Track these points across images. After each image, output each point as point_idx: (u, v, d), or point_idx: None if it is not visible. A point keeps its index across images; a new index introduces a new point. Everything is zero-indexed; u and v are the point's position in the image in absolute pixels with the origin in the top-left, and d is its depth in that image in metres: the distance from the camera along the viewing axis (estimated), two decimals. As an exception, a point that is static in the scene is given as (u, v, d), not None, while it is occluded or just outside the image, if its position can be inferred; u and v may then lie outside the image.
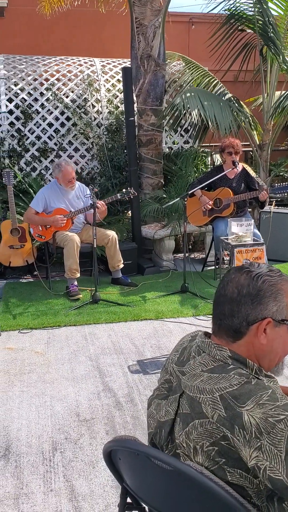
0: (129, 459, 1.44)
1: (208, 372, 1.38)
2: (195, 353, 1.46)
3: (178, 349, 1.56)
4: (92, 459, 2.81)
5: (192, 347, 1.49)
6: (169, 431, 1.44)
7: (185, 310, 4.99)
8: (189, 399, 1.39)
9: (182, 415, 1.40)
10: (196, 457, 1.33)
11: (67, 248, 5.35)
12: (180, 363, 1.49)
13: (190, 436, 1.34)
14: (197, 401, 1.35)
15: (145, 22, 6.69)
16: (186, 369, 1.44)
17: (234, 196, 5.59)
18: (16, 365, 3.93)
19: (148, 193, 6.94)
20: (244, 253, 3.84)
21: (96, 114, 7.11)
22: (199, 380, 1.38)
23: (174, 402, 1.44)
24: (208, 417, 1.31)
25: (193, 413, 1.36)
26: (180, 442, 1.38)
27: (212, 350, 1.42)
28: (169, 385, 1.51)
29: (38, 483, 2.62)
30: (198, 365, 1.42)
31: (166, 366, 1.56)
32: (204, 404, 1.33)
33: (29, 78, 7.01)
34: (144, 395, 3.46)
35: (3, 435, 3.04)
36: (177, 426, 1.41)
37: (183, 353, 1.51)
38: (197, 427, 1.33)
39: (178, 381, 1.46)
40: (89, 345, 4.28)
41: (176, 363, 1.51)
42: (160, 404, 1.51)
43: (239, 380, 1.32)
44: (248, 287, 1.41)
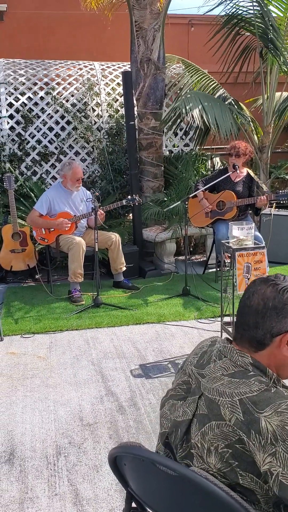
0: (134, 465, 1.46)
1: (228, 377, 1.41)
2: (216, 357, 1.49)
3: (197, 352, 1.59)
4: (96, 463, 2.82)
5: (213, 352, 1.52)
6: (185, 431, 1.47)
7: (187, 313, 5.01)
8: (207, 401, 1.42)
9: (199, 416, 1.43)
10: (209, 458, 1.36)
11: (72, 251, 5.37)
12: (199, 366, 1.52)
13: (206, 437, 1.38)
14: (216, 403, 1.39)
15: (144, 25, 6.72)
16: (206, 372, 1.48)
17: (237, 200, 5.61)
18: (19, 370, 3.94)
19: (149, 196, 6.96)
20: (245, 257, 3.85)
21: (97, 118, 7.13)
22: (219, 383, 1.41)
23: (192, 403, 1.48)
24: (226, 419, 1.35)
25: (210, 415, 1.39)
26: (195, 442, 1.41)
27: (233, 356, 1.46)
28: (187, 386, 1.54)
29: (42, 488, 2.64)
30: (218, 369, 1.45)
31: (184, 368, 1.59)
32: (222, 407, 1.37)
33: (29, 82, 7.03)
34: (146, 399, 3.47)
35: (7, 440, 3.05)
36: (193, 426, 1.44)
37: (203, 356, 1.54)
38: (213, 428, 1.37)
39: (197, 383, 1.49)
40: (91, 349, 4.30)
41: (195, 365, 1.54)
42: (175, 405, 1.54)
43: (259, 387, 1.36)
44: (274, 300, 1.45)
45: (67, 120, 6.97)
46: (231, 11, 6.92)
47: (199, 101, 6.40)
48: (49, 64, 7.47)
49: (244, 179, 5.78)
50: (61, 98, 7.02)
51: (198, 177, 7.09)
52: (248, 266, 3.86)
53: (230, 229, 3.97)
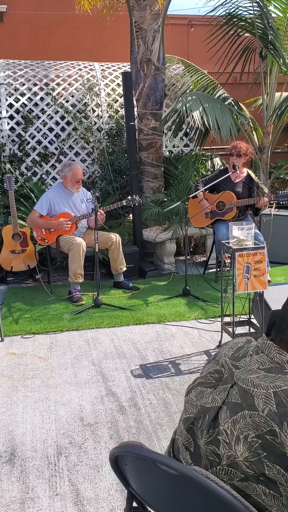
0: (135, 464, 1.46)
1: (264, 371, 1.44)
2: (253, 352, 1.53)
3: (232, 346, 1.62)
4: (96, 463, 2.83)
5: (250, 347, 1.56)
6: (213, 417, 1.49)
7: (187, 313, 5.01)
8: (241, 390, 1.45)
9: (230, 404, 1.46)
10: (237, 446, 1.39)
11: (72, 252, 5.37)
12: (234, 358, 1.55)
13: (237, 425, 1.40)
14: (250, 394, 1.42)
15: (144, 26, 6.73)
16: (241, 364, 1.51)
17: (237, 201, 5.61)
18: (20, 370, 3.95)
19: (149, 196, 6.97)
20: (245, 257, 3.86)
21: (97, 119, 7.14)
22: (254, 376, 1.45)
23: (223, 391, 1.50)
24: (259, 410, 1.37)
25: (244, 404, 1.42)
26: (224, 428, 1.44)
27: (271, 352, 1.48)
28: (219, 375, 1.57)
29: (43, 487, 2.64)
30: (254, 363, 1.48)
31: (217, 359, 1.62)
32: (256, 397, 1.40)
33: (29, 83, 7.04)
34: (147, 399, 3.48)
35: (8, 440, 3.06)
36: (223, 413, 1.47)
37: (239, 350, 1.58)
38: (245, 417, 1.39)
39: (230, 373, 1.52)
40: (92, 349, 4.30)
41: (230, 357, 1.57)
42: (204, 392, 1.57)
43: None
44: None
45: (67, 120, 6.98)
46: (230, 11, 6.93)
47: (200, 102, 6.41)
48: (49, 65, 7.47)
49: (244, 179, 5.79)
50: (61, 99, 7.02)
51: (198, 177, 7.09)
52: (248, 266, 3.87)
53: (230, 230, 3.98)
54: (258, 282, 3.89)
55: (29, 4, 9.28)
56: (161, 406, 3.38)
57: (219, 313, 4.59)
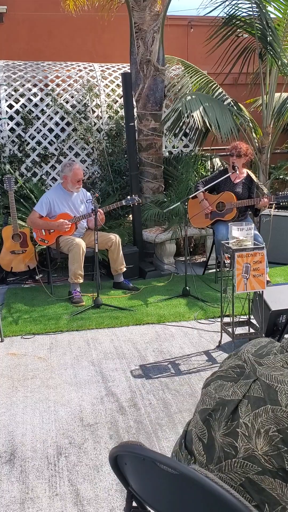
0: (134, 464, 1.46)
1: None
2: (277, 351, 1.56)
3: (255, 344, 1.65)
4: (96, 463, 2.83)
5: (274, 347, 1.59)
6: (232, 410, 1.51)
7: (187, 314, 5.01)
8: (264, 385, 1.48)
9: (252, 398, 1.48)
10: (257, 439, 1.41)
11: (72, 252, 5.38)
12: (258, 355, 1.58)
13: (258, 419, 1.43)
14: (274, 389, 1.45)
15: (144, 27, 6.73)
16: (265, 361, 1.54)
17: (237, 201, 5.61)
18: (20, 371, 3.95)
19: (148, 197, 6.97)
20: (245, 257, 3.86)
21: (96, 119, 7.14)
22: (279, 373, 1.48)
23: (244, 385, 1.53)
24: (282, 405, 1.40)
25: (267, 398, 1.45)
26: (244, 422, 1.46)
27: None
28: (241, 370, 1.59)
29: (43, 488, 2.64)
30: (279, 361, 1.51)
31: (239, 355, 1.65)
32: (280, 393, 1.43)
33: (29, 84, 7.04)
34: (147, 399, 3.48)
35: (8, 440, 3.06)
36: (243, 407, 1.49)
37: (262, 349, 1.61)
38: (268, 411, 1.42)
39: (252, 369, 1.55)
40: (92, 350, 4.31)
41: (253, 354, 1.60)
42: (224, 385, 1.59)
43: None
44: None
45: (67, 121, 6.98)
46: (230, 12, 6.94)
47: (200, 101, 6.41)
48: (48, 66, 7.48)
49: (244, 180, 5.79)
50: (60, 100, 7.03)
51: (198, 178, 7.10)
52: (247, 267, 3.88)
53: (230, 230, 3.98)
54: (257, 282, 3.89)
55: (29, 5, 9.29)
56: (161, 406, 3.39)
57: (218, 314, 4.59)
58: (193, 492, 1.33)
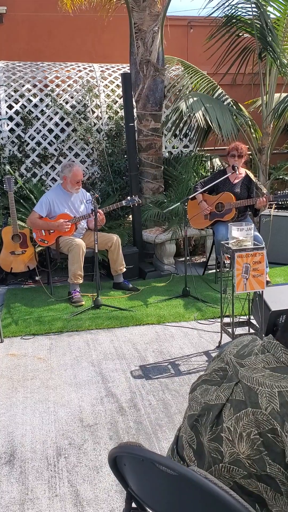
0: (134, 465, 1.46)
1: (270, 370, 1.45)
2: (258, 351, 1.53)
3: (237, 344, 1.63)
4: (96, 464, 2.83)
5: (255, 346, 1.56)
6: (217, 414, 1.50)
7: (187, 314, 5.01)
8: (246, 388, 1.46)
9: (234, 401, 1.47)
10: (240, 443, 1.39)
11: (72, 253, 5.38)
12: (239, 356, 1.56)
13: (240, 422, 1.41)
14: (254, 392, 1.43)
15: (143, 27, 6.73)
16: (246, 362, 1.52)
17: (236, 202, 5.61)
18: (19, 371, 3.95)
19: (148, 197, 6.97)
20: (245, 257, 3.86)
21: (96, 120, 7.14)
22: (259, 374, 1.45)
23: (227, 389, 1.51)
24: (262, 408, 1.39)
25: (248, 401, 1.43)
26: (227, 426, 1.45)
27: (277, 352, 1.49)
28: (224, 373, 1.57)
29: (43, 489, 2.64)
30: (260, 362, 1.49)
31: (222, 357, 1.63)
32: (260, 395, 1.41)
33: (29, 84, 7.04)
34: (146, 400, 3.48)
35: (7, 441, 3.06)
36: (226, 410, 1.47)
37: (244, 349, 1.58)
38: (249, 415, 1.40)
39: (234, 371, 1.53)
40: (91, 350, 4.30)
41: (235, 355, 1.58)
42: (209, 389, 1.57)
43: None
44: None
45: (67, 122, 6.98)
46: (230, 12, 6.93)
47: (201, 102, 6.41)
48: (48, 66, 7.48)
49: (243, 180, 5.78)
50: (60, 100, 7.03)
51: (197, 178, 7.10)
52: (247, 267, 3.87)
53: (230, 230, 3.98)
54: (257, 282, 3.89)
55: (29, 6, 9.29)
56: (161, 407, 3.38)
57: (218, 314, 4.59)
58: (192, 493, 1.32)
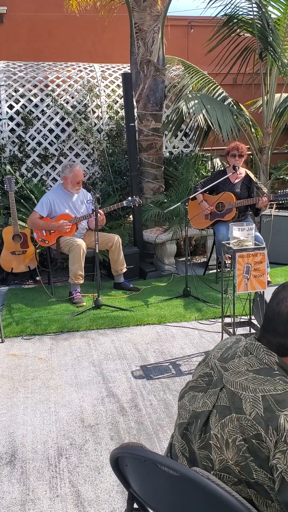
0: (136, 466, 1.46)
1: (253, 373, 1.43)
2: (241, 353, 1.51)
3: (221, 347, 1.60)
4: (97, 464, 2.82)
5: (238, 348, 1.53)
6: (204, 422, 1.48)
7: (188, 314, 5.01)
8: (230, 393, 1.43)
9: (219, 407, 1.44)
10: (227, 450, 1.37)
11: (73, 253, 5.38)
12: (223, 360, 1.53)
13: (225, 429, 1.39)
14: (238, 397, 1.40)
15: (144, 27, 6.73)
16: (230, 366, 1.49)
17: (236, 201, 5.60)
18: (20, 372, 3.95)
19: (149, 197, 6.97)
20: (246, 257, 3.85)
21: (97, 120, 7.13)
22: (243, 378, 1.43)
23: (213, 395, 1.49)
24: (246, 413, 1.36)
25: (232, 407, 1.41)
26: (214, 433, 1.43)
27: (260, 353, 1.46)
28: (209, 378, 1.55)
29: (44, 489, 2.64)
30: (243, 364, 1.46)
31: (206, 361, 1.61)
32: (244, 401, 1.38)
33: (29, 84, 7.04)
34: (147, 400, 3.47)
35: (8, 441, 3.05)
36: (213, 417, 1.45)
37: (227, 351, 1.56)
38: (233, 421, 1.38)
39: (219, 376, 1.51)
40: (92, 350, 4.30)
41: (219, 359, 1.55)
42: (196, 396, 1.55)
43: (284, 387, 1.37)
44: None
45: (67, 122, 6.98)
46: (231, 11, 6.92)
47: (202, 102, 6.41)
48: (49, 66, 7.47)
49: (243, 180, 5.78)
50: (61, 100, 7.02)
51: (198, 178, 7.09)
52: (248, 267, 3.87)
53: (231, 230, 3.97)
54: (258, 282, 3.88)
55: (29, 6, 9.29)
56: (162, 407, 3.38)
57: (219, 314, 4.58)
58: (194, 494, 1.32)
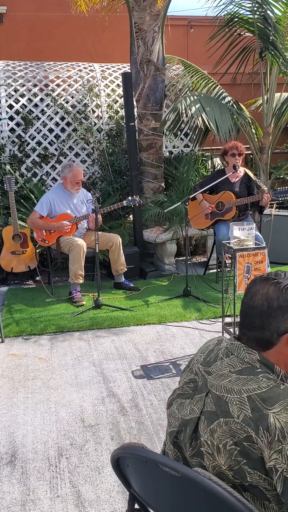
0: (137, 466, 1.45)
1: (236, 373, 1.41)
2: (223, 354, 1.49)
3: (204, 350, 1.58)
4: (98, 464, 2.82)
5: (220, 350, 1.51)
6: (193, 429, 1.46)
7: (188, 314, 5.00)
8: (215, 398, 1.41)
9: (207, 413, 1.42)
10: (219, 456, 1.35)
11: (73, 253, 5.37)
12: (206, 364, 1.51)
13: (215, 434, 1.37)
14: (224, 400, 1.38)
15: (144, 27, 6.72)
16: (213, 369, 1.47)
17: (236, 200, 5.60)
18: (20, 372, 3.94)
19: (149, 197, 6.96)
20: (246, 257, 3.84)
21: (97, 119, 7.13)
22: (226, 380, 1.41)
23: (200, 401, 1.47)
24: (234, 416, 1.34)
25: (219, 411, 1.38)
26: (204, 440, 1.40)
27: (241, 353, 1.45)
28: (194, 384, 1.53)
29: (44, 489, 2.63)
30: (226, 366, 1.44)
31: (190, 367, 1.58)
32: (231, 404, 1.36)
33: (29, 84, 7.03)
34: (148, 400, 3.47)
35: (9, 442, 3.05)
36: (201, 424, 1.43)
37: (210, 354, 1.54)
38: (221, 425, 1.36)
39: (203, 381, 1.48)
40: (93, 350, 4.29)
41: (202, 363, 1.53)
42: (183, 403, 1.53)
43: (267, 383, 1.35)
44: (278, 300, 1.43)
45: (67, 121, 6.97)
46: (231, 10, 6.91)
47: (199, 101, 6.40)
48: (48, 66, 7.46)
49: (242, 179, 5.78)
50: (61, 100, 7.01)
51: (198, 178, 7.09)
52: (248, 266, 3.86)
53: (231, 230, 3.97)
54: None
55: (29, 5, 9.28)
56: (162, 407, 3.37)
57: (220, 314, 4.58)
58: (195, 494, 1.31)
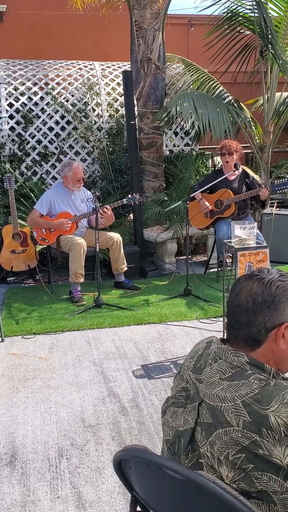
0: (139, 469, 1.43)
1: (227, 380, 1.38)
2: (212, 360, 1.45)
3: (193, 356, 1.55)
4: (98, 465, 2.80)
5: (209, 355, 1.48)
6: (189, 440, 1.42)
7: (189, 313, 4.98)
8: (210, 408, 1.38)
9: (203, 425, 1.39)
10: (220, 468, 1.33)
11: (73, 252, 5.35)
12: (196, 371, 1.48)
13: (215, 447, 1.34)
14: (219, 410, 1.35)
15: (144, 25, 6.70)
16: (203, 377, 1.44)
17: (234, 196, 5.59)
18: (20, 371, 3.92)
19: (149, 196, 6.94)
20: (247, 256, 3.82)
21: (97, 118, 7.11)
22: (218, 389, 1.37)
23: (193, 410, 1.43)
24: (233, 425, 1.31)
25: (216, 423, 1.35)
26: (204, 451, 1.37)
27: (229, 356, 1.41)
28: (186, 393, 1.50)
29: (45, 490, 2.61)
30: (215, 372, 1.41)
31: (181, 374, 1.55)
32: (226, 412, 1.33)
33: (29, 82, 7.01)
34: (149, 400, 3.45)
35: (9, 442, 3.03)
36: (198, 435, 1.40)
37: (199, 360, 1.50)
38: (221, 437, 1.33)
39: (195, 389, 1.45)
40: (93, 350, 4.27)
41: (192, 370, 1.50)
42: (176, 412, 1.49)
43: (259, 384, 1.32)
44: (262, 295, 1.41)
45: (67, 120, 6.95)
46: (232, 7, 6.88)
47: (192, 102, 6.34)
48: (49, 64, 7.44)
49: (240, 175, 5.76)
50: (61, 98, 6.99)
51: (199, 176, 7.07)
52: (249, 265, 3.84)
53: (232, 229, 3.95)
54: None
55: (29, 4, 9.25)
56: (163, 407, 3.35)
57: (220, 313, 4.56)
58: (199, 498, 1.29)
